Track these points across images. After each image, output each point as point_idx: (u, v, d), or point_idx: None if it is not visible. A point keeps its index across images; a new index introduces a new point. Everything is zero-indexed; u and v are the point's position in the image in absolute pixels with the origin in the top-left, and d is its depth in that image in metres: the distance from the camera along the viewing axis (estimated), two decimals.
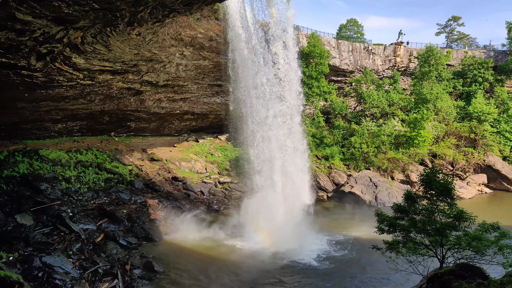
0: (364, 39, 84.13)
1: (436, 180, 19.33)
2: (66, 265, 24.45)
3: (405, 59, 69.94)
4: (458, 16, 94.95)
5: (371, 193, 48.90)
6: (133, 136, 50.41)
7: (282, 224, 34.19)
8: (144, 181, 42.13)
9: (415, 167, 54.76)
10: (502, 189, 56.66)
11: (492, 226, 18.40)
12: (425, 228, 19.04)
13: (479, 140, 59.65)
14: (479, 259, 17.88)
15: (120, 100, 40.60)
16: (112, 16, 18.23)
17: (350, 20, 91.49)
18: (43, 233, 28.07)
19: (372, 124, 59.51)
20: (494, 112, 61.60)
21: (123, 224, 33.41)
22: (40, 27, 17.36)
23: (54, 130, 40.90)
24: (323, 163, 56.06)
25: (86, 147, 43.19)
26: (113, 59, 31.44)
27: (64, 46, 23.44)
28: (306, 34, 58.64)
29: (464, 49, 78.24)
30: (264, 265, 28.50)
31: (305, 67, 56.49)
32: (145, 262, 27.56)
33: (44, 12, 15.65)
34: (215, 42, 39.77)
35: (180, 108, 48.42)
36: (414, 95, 63.87)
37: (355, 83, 64.07)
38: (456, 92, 69.04)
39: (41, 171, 35.79)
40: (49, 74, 27.90)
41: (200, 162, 50.48)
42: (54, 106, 35.32)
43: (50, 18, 16.59)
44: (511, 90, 69.97)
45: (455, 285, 15.85)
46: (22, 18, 15.76)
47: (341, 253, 31.41)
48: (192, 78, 43.77)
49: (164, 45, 35.08)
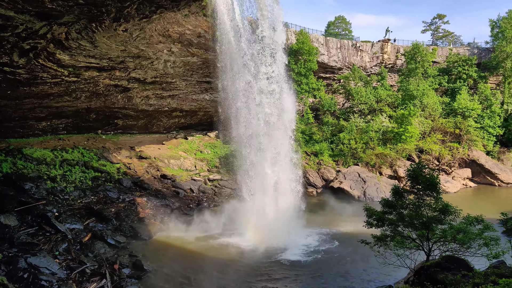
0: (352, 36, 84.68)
1: (422, 175, 19.63)
2: (52, 266, 24.01)
3: (392, 56, 70.48)
4: (443, 14, 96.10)
5: (359, 189, 49.26)
6: (120, 134, 49.96)
7: (272, 221, 34.20)
8: (133, 179, 41.79)
9: (403, 163, 55.27)
10: (486, 183, 57.69)
11: (476, 219, 18.77)
12: (412, 222, 19.31)
13: (464, 135, 60.54)
14: (464, 251, 18.25)
15: (107, 97, 40.18)
16: (98, 11, 18.02)
17: (338, 17, 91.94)
18: (28, 233, 27.55)
19: (360, 120, 59.91)
20: (478, 108, 62.55)
21: (111, 223, 33.04)
22: (23, 22, 17.07)
23: (38, 128, 40.27)
24: (312, 159, 56.29)
25: (72, 145, 42.65)
26: (99, 55, 31.06)
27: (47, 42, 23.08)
28: (295, 31, 58.72)
29: (449, 46, 79.08)
30: (253, 262, 28.49)
31: (294, 64, 56.59)
32: (134, 261, 27.27)
33: (26, 7, 15.39)
34: (203, 38, 39.55)
35: (168, 105, 48.13)
36: (401, 92, 64.48)
37: (343, 79, 64.40)
38: (441, 88, 69.90)
39: (25, 170, 35.21)
40: (32, 71, 27.44)
41: (189, 160, 50.27)
42: (38, 103, 34.75)
43: (33, 13, 16.32)
44: (494, 87, 71.08)
45: (441, 277, 16.08)
46: (4, 13, 15.48)
47: (330, 248, 31.55)
48: (181, 75, 43.51)
49: (152, 41, 34.77)
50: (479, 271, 16.48)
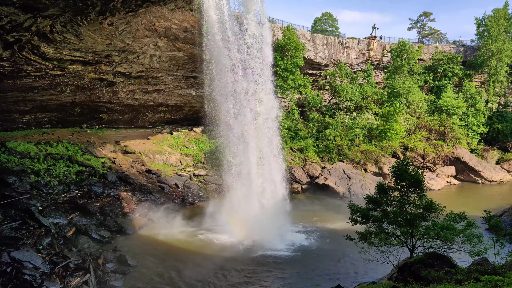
0: (339, 33, 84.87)
1: (407, 172, 19.84)
2: (36, 260, 23.80)
3: (378, 53, 70.98)
4: (429, 12, 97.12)
5: (344, 185, 49.61)
6: (105, 128, 49.49)
7: (257, 217, 34.29)
8: (118, 174, 41.47)
9: (388, 160, 55.83)
10: (470, 180, 58.42)
11: (459, 216, 19.02)
12: (396, 219, 19.53)
13: (448, 133, 61.32)
14: (447, 248, 18.48)
15: (92, 91, 39.73)
16: (83, 4, 17.80)
17: (325, 13, 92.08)
18: (11, 227, 27.18)
19: (346, 117, 60.28)
20: (462, 106, 63.43)
21: (95, 218, 32.81)
22: (7, 14, 16.76)
23: (22, 121, 39.70)
24: (297, 155, 56.49)
25: (57, 139, 42.11)
26: (85, 49, 30.68)
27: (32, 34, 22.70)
28: (282, 26, 58.66)
29: (434, 44, 79.92)
30: (237, 257, 28.59)
31: (280, 59, 56.57)
32: (118, 256, 27.19)
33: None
34: (189, 33, 39.32)
35: (154, 100, 47.80)
36: (387, 89, 65.02)
37: (329, 76, 64.63)
38: (427, 86, 70.69)
39: (8, 164, 34.70)
40: (16, 64, 27.02)
41: (174, 155, 50.05)
42: (22, 96, 34.26)
43: (17, 5, 16.04)
44: (479, 85, 72.10)
45: (424, 273, 16.32)
46: None
47: (315, 244, 31.80)
48: (167, 70, 43.23)
49: (138, 35, 34.45)
50: (462, 268, 16.74)
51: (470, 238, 17.58)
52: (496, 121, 67.20)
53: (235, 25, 37.04)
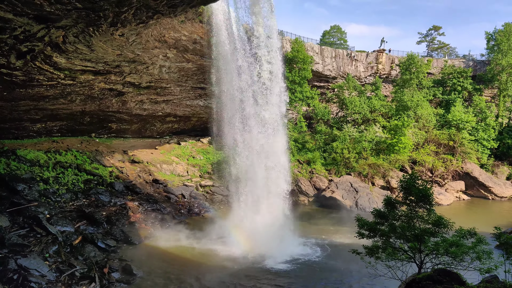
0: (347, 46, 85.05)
1: (415, 187, 19.64)
2: (42, 268, 23.90)
3: (387, 66, 70.96)
4: (439, 26, 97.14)
5: (351, 198, 49.32)
6: (114, 138, 49.81)
7: (263, 229, 34.11)
8: (125, 183, 41.61)
9: (395, 173, 55.46)
10: (480, 196, 57.75)
11: (469, 232, 18.74)
12: (404, 234, 19.30)
13: (458, 147, 60.76)
14: (456, 264, 18.16)
15: (102, 101, 40.09)
16: (95, 16, 18.01)
17: (333, 26, 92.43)
18: (19, 234, 27.37)
19: (354, 130, 60.13)
20: (472, 121, 62.83)
21: (102, 227, 32.92)
22: (21, 25, 17.03)
23: (33, 130, 40.12)
24: (304, 167, 56.35)
25: (66, 148, 42.45)
26: (95, 59, 31.01)
27: (45, 45, 23.02)
28: (290, 39, 59.00)
29: (444, 58, 79.77)
30: (242, 270, 28.43)
31: (288, 72, 56.73)
32: (124, 265, 27.17)
33: (25, 10, 15.36)
34: (199, 44, 39.67)
35: (162, 110, 48.08)
36: (395, 102, 64.86)
37: (337, 89, 64.66)
38: (436, 100, 70.36)
39: (18, 172, 35.01)
40: (29, 73, 27.36)
41: (181, 165, 50.17)
42: (33, 105, 34.65)
43: (31, 16, 16.29)
44: (489, 99, 71.60)
45: None
46: (3, 15, 15.45)
47: (321, 257, 31.52)
48: (175, 80, 43.54)
49: (148, 46, 34.81)
50: (472, 285, 16.47)
51: (480, 255, 17.27)
52: (507, 136, 66.46)
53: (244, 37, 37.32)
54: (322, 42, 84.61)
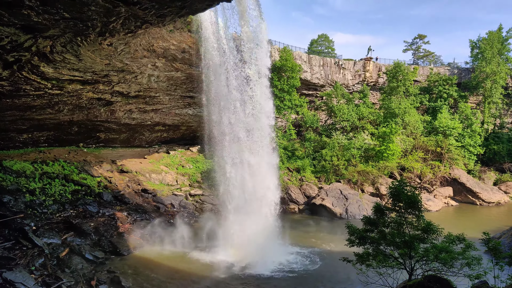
0: (335, 54, 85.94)
1: (404, 193, 19.76)
2: (28, 281, 23.39)
3: (374, 74, 71.71)
4: (424, 35, 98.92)
5: (341, 206, 49.40)
6: (102, 147, 49.33)
7: (253, 238, 33.99)
8: (113, 193, 41.16)
9: (385, 180, 55.76)
10: (468, 201, 58.36)
11: (458, 238, 18.90)
12: (394, 241, 19.36)
13: (445, 154, 61.47)
14: (446, 270, 18.25)
15: (90, 111, 39.76)
16: (83, 25, 17.92)
17: (321, 35, 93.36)
18: (4, 247, 26.82)
19: (343, 137, 60.45)
20: (458, 127, 63.78)
21: (90, 238, 32.44)
22: (8, 35, 16.85)
23: (19, 140, 39.54)
24: (294, 175, 56.39)
25: (53, 158, 41.90)
26: (84, 69, 30.83)
27: (32, 54, 22.84)
28: (278, 48, 59.33)
29: (429, 66, 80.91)
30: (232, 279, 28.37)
31: (277, 80, 56.98)
32: (112, 277, 26.81)
33: (12, 20, 15.22)
34: (187, 54, 39.69)
35: (151, 119, 47.84)
36: (383, 109, 65.49)
37: (326, 97, 65.11)
38: (422, 107, 71.28)
39: (4, 183, 34.40)
40: (15, 83, 27.07)
41: (170, 174, 49.85)
42: (20, 115, 34.21)
43: (18, 26, 16.13)
44: (474, 106, 72.77)
45: None
46: None
47: (312, 265, 31.48)
48: (164, 90, 43.43)
49: (136, 56, 34.71)
50: None
51: (469, 261, 17.39)
52: (493, 142, 67.59)
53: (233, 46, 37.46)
54: (310, 50, 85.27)
